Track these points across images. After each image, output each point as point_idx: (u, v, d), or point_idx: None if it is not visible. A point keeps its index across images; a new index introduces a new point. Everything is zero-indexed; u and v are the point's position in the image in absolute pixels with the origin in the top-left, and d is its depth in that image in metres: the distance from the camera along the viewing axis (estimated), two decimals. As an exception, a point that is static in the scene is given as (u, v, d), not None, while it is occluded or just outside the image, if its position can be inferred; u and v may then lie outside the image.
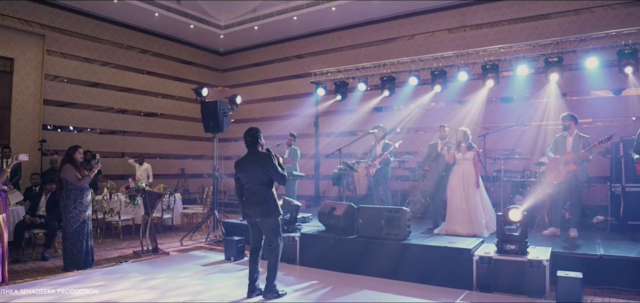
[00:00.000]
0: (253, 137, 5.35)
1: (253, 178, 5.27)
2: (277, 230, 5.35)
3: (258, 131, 5.42)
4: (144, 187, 7.66)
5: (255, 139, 5.35)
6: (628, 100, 10.25)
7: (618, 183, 8.10)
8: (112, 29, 13.44)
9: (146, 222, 7.85)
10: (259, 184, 5.25)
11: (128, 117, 14.15)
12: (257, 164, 5.24)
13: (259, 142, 5.37)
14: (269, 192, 5.28)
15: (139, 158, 12.28)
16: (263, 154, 5.29)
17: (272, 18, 13.54)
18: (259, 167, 5.22)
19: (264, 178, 5.24)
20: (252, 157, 5.31)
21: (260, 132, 5.44)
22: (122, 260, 7.23)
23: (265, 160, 5.22)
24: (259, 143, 5.37)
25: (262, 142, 5.42)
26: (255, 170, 5.24)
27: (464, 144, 7.52)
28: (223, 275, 6.47)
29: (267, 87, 15.74)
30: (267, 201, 5.23)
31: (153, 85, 14.67)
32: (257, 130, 5.42)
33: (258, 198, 5.24)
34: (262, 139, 5.41)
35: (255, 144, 5.35)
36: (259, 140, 5.37)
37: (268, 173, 5.22)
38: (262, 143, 5.43)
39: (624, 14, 10.25)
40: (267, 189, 5.27)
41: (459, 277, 5.72)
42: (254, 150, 5.35)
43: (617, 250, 6.01)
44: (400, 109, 12.72)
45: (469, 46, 11.31)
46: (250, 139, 5.36)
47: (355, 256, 6.52)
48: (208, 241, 9.01)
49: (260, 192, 5.25)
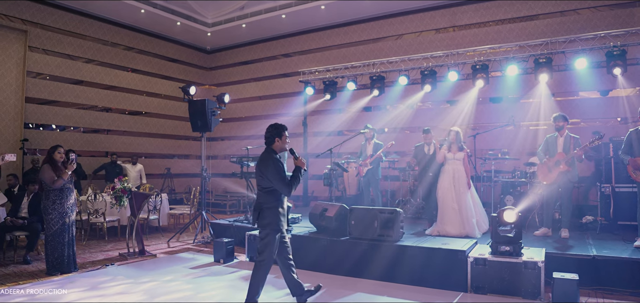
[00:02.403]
0: (270, 135, 4.80)
1: (257, 181, 4.79)
2: (268, 243, 4.64)
3: (276, 128, 4.80)
4: (130, 188, 7.47)
5: (269, 136, 4.80)
6: (614, 101, 10.34)
7: (608, 184, 8.14)
8: (97, 25, 13.16)
9: (132, 224, 7.66)
10: (259, 189, 4.76)
11: (112, 116, 13.88)
12: (259, 167, 4.75)
13: (276, 141, 4.79)
14: (267, 199, 4.68)
15: (132, 158, 12.05)
16: (266, 157, 4.71)
17: (261, 16, 13.39)
18: (260, 170, 4.73)
19: (264, 183, 4.70)
20: (264, 157, 4.74)
21: (281, 129, 4.81)
22: (108, 263, 7.04)
23: (265, 164, 4.67)
24: (274, 143, 4.79)
25: (281, 142, 4.80)
26: (259, 172, 4.73)
27: (454, 145, 7.49)
28: (213, 278, 6.32)
29: (254, 86, 15.58)
30: (261, 208, 4.71)
31: (138, 83, 14.41)
32: (276, 127, 4.82)
33: (256, 203, 4.80)
34: (282, 138, 4.80)
35: (269, 143, 4.80)
36: (275, 140, 4.79)
37: (268, 179, 4.64)
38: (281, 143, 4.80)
39: (611, 16, 10.32)
40: (266, 195, 4.69)
41: (453, 279, 5.66)
42: (268, 150, 4.78)
43: (609, 251, 6.02)
44: (389, 108, 12.67)
45: (459, 46, 11.30)
46: (267, 136, 4.81)
47: (348, 258, 6.42)
48: (196, 242, 8.85)
49: (258, 197, 4.78)
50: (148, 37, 14.58)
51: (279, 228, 4.71)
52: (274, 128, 4.81)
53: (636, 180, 6.46)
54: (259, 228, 4.76)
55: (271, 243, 4.67)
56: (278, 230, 4.70)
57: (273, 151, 4.77)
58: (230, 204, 14.17)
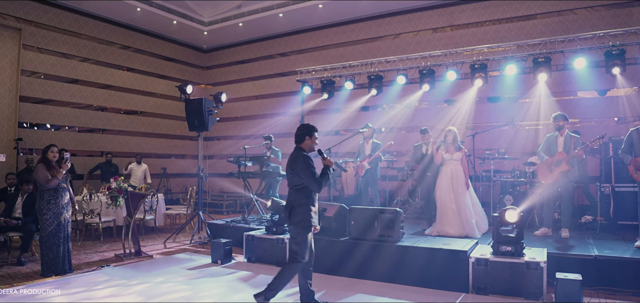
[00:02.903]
0: (300, 134, 4.86)
1: (288, 180, 4.86)
2: (300, 241, 4.70)
3: (307, 128, 4.85)
4: (126, 188, 7.37)
5: (299, 135, 4.86)
6: (612, 100, 10.32)
7: (607, 184, 8.11)
8: (92, 23, 13.03)
9: (128, 224, 7.56)
10: (290, 187, 4.83)
11: (108, 115, 13.75)
12: (290, 165, 4.80)
13: (306, 140, 4.83)
14: (298, 197, 4.74)
15: (137, 157, 11.95)
16: (296, 154, 4.78)
17: (258, 15, 13.30)
18: (291, 168, 4.78)
19: (295, 180, 4.76)
20: (294, 156, 4.80)
21: (312, 129, 4.87)
22: (104, 264, 6.94)
23: (295, 161, 4.74)
24: (305, 142, 4.83)
25: (311, 141, 4.84)
26: (290, 171, 4.80)
27: (451, 145, 7.43)
28: (210, 279, 6.23)
29: (251, 85, 15.49)
30: (294, 205, 4.75)
31: (134, 82, 14.29)
32: (307, 127, 4.87)
33: (288, 201, 4.85)
34: (312, 138, 4.83)
35: (298, 142, 4.86)
36: (305, 139, 4.83)
37: (299, 176, 4.70)
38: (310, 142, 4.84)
39: (609, 15, 10.30)
40: (297, 193, 4.75)
41: (454, 280, 5.60)
42: (297, 149, 4.85)
43: (611, 251, 5.99)
44: (387, 108, 12.62)
45: (457, 45, 11.25)
46: (298, 134, 4.87)
47: (347, 259, 6.35)
48: (193, 243, 8.76)
49: (290, 195, 4.83)
50: (144, 36, 14.46)
51: (311, 226, 4.77)
52: (305, 127, 4.88)
53: (637, 180, 6.42)
54: (291, 227, 4.80)
55: (304, 241, 4.72)
56: (310, 227, 4.75)
57: (302, 150, 4.83)
58: (227, 204, 14.08)
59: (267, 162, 9.22)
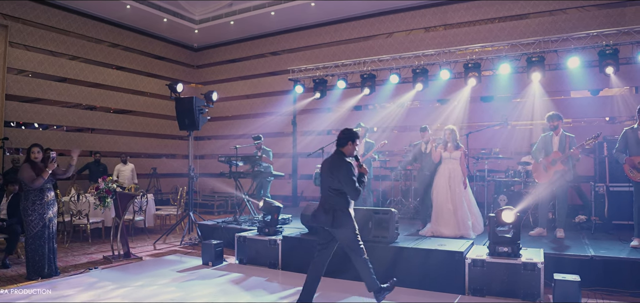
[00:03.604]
0: (344, 137, 4.86)
1: (327, 182, 4.86)
2: (353, 240, 4.83)
3: (352, 134, 4.86)
4: (114, 188, 7.20)
5: (345, 139, 4.85)
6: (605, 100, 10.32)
7: (602, 183, 8.07)
8: (81, 20, 12.81)
9: (117, 225, 7.39)
10: (329, 190, 4.84)
11: (97, 114, 13.54)
12: (334, 169, 4.79)
13: (348, 144, 4.83)
14: (339, 201, 4.78)
15: (122, 157, 11.77)
16: (338, 159, 4.81)
17: (249, 13, 13.15)
18: (334, 172, 4.78)
19: (335, 185, 4.78)
20: (333, 159, 4.86)
21: (356, 136, 4.87)
22: (92, 266, 6.76)
23: (339, 167, 4.74)
24: (348, 146, 4.83)
25: (352, 147, 4.84)
26: (330, 174, 4.81)
27: (450, 143, 7.33)
28: (201, 282, 6.08)
29: (242, 84, 15.34)
30: (334, 210, 4.77)
31: (123, 80, 14.08)
32: (352, 133, 4.88)
33: (328, 205, 4.83)
34: (354, 144, 4.84)
35: (342, 146, 4.86)
36: (348, 143, 4.83)
37: (340, 181, 4.72)
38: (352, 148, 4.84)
39: (602, 15, 10.29)
40: (337, 197, 4.78)
41: (450, 281, 5.50)
42: (339, 153, 4.87)
43: (607, 251, 5.94)
44: (380, 107, 12.54)
45: (450, 44, 11.18)
46: (341, 137, 4.87)
47: (341, 260, 6.21)
48: (183, 244, 8.60)
49: (330, 199, 4.82)
50: (134, 34, 14.27)
51: (356, 227, 4.87)
52: (349, 132, 4.89)
53: (633, 179, 6.36)
54: (335, 230, 4.84)
55: (355, 240, 4.84)
56: (355, 228, 4.86)
57: (343, 154, 4.85)
58: (218, 204, 13.91)
59: (259, 162, 9.08)
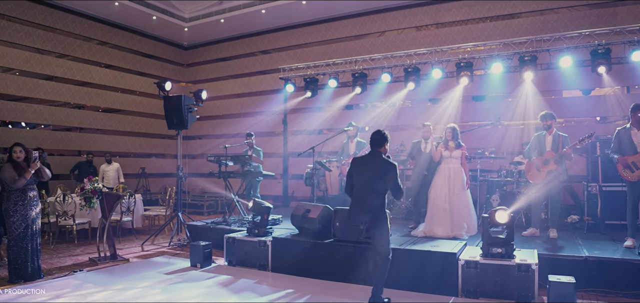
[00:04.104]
0: (381, 138, 4.96)
1: (367, 183, 4.88)
2: (387, 242, 4.92)
3: (385, 134, 5.00)
4: (100, 188, 7.03)
5: (382, 140, 4.96)
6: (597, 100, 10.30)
7: (595, 183, 8.02)
8: (68, 18, 12.58)
9: (103, 226, 7.22)
10: (371, 190, 4.86)
11: (85, 113, 13.32)
12: (377, 170, 4.84)
13: (384, 145, 4.96)
14: (381, 201, 4.88)
15: (106, 157, 11.57)
16: (387, 162, 4.85)
17: (240, 11, 13.00)
18: (378, 173, 4.83)
19: (380, 186, 4.83)
20: (374, 160, 4.91)
21: (388, 138, 5.02)
22: (77, 268, 6.59)
23: (389, 169, 4.80)
24: (384, 147, 4.96)
25: (388, 148, 5.01)
26: (373, 175, 4.85)
27: (451, 142, 7.20)
28: (188, 284, 5.93)
29: (233, 83, 15.19)
30: (378, 210, 4.86)
31: (112, 79, 13.87)
32: (385, 135, 5.00)
33: (368, 205, 4.86)
34: (388, 145, 5.00)
35: (380, 146, 4.95)
36: (385, 144, 4.96)
37: (386, 182, 4.80)
38: (387, 148, 5.00)
39: (594, 15, 10.27)
40: (378, 198, 4.85)
41: (443, 283, 5.41)
42: (377, 153, 4.93)
43: (601, 252, 5.88)
44: (372, 107, 12.45)
45: (442, 43, 11.10)
46: (378, 138, 4.96)
47: (332, 262, 6.12)
48: (171, 245, 8.45)
49: (371, 199, 4.86)
50: (123, 32, 14.06)
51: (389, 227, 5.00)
52: (383, 134, 4.99)
53: (626, 178, 6.30)
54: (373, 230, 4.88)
55: (388, 242, 4.95)
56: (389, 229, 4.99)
57: (381, 154, 4.93)
58: (208, 205, 13.75)
59: (248, 162, 8.93)
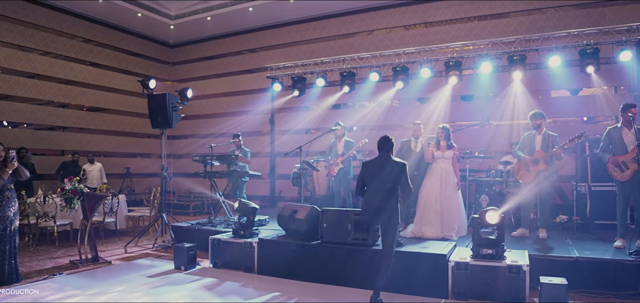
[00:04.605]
0: (390, 143, 5.31)
1: (381, 185, 5.14)
2: (395, 235, 5.19)
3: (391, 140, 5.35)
4: (82, 189, 6.83)
5: (391, 145, 5.31)
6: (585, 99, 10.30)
7: (584, 183, 7.99)
8: (51, 14, 12.29)
9: (85, 228, 7.02)
10: (385, 191, 5.10)
11: (68, 112, 13.04)
12: (390, 172, 5.14)
13: (392, 148, 5.33)
14: (395, 201, 5.16)
15: (89, 156, 11.32)
16: (399, 163, 5.18)
17: (226, 8, 12.80)
18: (391, 175, 5.13)
19: (393, 187, 5.13)
20: (385, 162, 5.23)
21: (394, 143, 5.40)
22: (56, 272, 6.39)
23: (401, 170, 5.13)
24: (392, 150, 5.33)
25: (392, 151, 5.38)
26: (386, 177, 5.13)
27: (443, 142, 7.13)
28: (172, 288, 5.76)
29: (219, 82, 14.99)
30: (393, 209, 5.12)
31: (97, 77, 13.60)
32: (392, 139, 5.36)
33: (383, 206, 5.11)
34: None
35: (389, 150, 5.29)
36: (392, 147, 5.33)
37: (398, 182, 5.12)
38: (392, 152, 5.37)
39: (582, 15, 10.27)
40: (393, 198, 5.14)
41: (433, 285, 5.31)
42: (387, 155, 5.26)
43: (591, 252, 5.83)
44: (360, 106, 12.34)
45: (431, 43, 11.02)
46: (388, 143, 5.30)
47: (320, 264, 5.99)
48: (155, 247, 8.26)
49: (386, 200, 5.10)
50: (107, 29, 13.78)
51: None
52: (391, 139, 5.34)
53: (616, 178, 6.26)
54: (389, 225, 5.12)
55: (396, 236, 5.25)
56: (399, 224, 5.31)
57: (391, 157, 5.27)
58: (194, 205, 13.55)
59: (235, 162, 8.77)
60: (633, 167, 6.03)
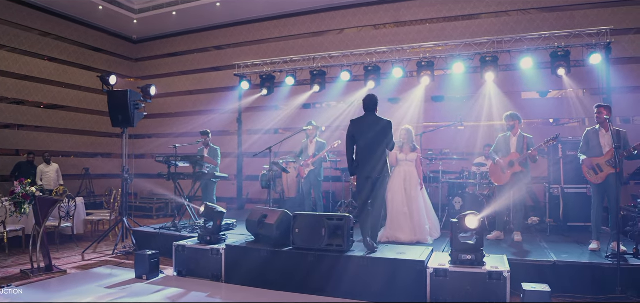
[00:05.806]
0: (374, 102, 5.90)
1: (373, 141, 5.73)
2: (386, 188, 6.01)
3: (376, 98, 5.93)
4: (33, 192, 6.31)
5: (375, 104, 5.90)
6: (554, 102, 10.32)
7: (557, 185, 7.95)
8: (6, 4, 11.54)
9: (37, 234, 6.50)
10: (377, 147, 5.72)
11: (23, 109, 12.30)
12: (380, 129, 5.74)
13: (376, 107, 5.90)
14: (386, 157, 5.84)
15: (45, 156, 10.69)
16: (386, 120, 5.81)
17: (193, 3, 12.34)
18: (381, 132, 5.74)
19: (383, 143, 5.74)
20: (373, 120, 5.83)
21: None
22: (4, 284, 5.86)
23: (389, 126, 5.79)
24: (376, 109, 5.90)
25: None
26: (377, 134, 5.73)
27: (406, 145, 6.98)
28: (131, 299, 5.33)
29: (185, 80, 14.49)
30: (384, 164, 5.78)
31: (54, 72, 12.90)
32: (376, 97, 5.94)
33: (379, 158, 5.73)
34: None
35: (374, 109, 5.88)
36: (377, 106, 5.91)
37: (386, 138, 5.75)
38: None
39: (553, 17, 10.31)
40: (384, 154, 5.80)
41: (411, 292, 5.07)
42: (373, 114, 5.86)
43: (568, 256, 5.76)
44: (330, 106, 12.09)
45: (402, 42, 10.90)
46: (371, 103, 5.88)
47: (292, 272, 5.67)
48: (115, 254, 7.78)
49: (378, 156, 5.73)
50: (67, 22, 13.10)
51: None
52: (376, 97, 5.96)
53: (590, 180, 6.19)
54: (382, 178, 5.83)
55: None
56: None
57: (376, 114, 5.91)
58: (157, 208, 13.01)
59: (201, 162, 8.32)
60: (607, 169, 5.98)
